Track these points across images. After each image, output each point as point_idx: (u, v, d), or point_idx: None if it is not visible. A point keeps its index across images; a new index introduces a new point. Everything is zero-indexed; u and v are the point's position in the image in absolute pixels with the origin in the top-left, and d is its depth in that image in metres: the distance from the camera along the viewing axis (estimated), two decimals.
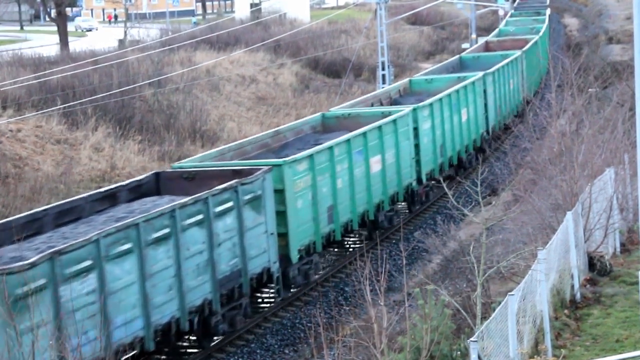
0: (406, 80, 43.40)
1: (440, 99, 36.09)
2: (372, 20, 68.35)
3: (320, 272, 27.43)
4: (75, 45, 70.42)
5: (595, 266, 21.59)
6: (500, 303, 15.20)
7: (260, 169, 24.02)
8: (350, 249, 30.32)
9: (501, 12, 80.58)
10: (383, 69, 53.87)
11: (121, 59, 51.42)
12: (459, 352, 15.69)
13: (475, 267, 16.71)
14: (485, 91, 41.93)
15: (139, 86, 47.74)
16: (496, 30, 68.08)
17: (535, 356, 15.87)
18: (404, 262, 18.20)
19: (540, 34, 60.48)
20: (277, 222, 24.41)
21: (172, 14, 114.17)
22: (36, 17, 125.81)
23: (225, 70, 58.45)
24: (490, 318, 14.53)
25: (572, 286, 19.85)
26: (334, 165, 27.41)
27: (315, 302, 25.89)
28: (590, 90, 32.21)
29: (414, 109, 33.57)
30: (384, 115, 32.36)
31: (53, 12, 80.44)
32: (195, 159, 27.00)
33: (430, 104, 35.15)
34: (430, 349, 15.10)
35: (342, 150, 28.08)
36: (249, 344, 23.43)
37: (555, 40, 77.44)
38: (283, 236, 24.78)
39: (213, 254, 21.70)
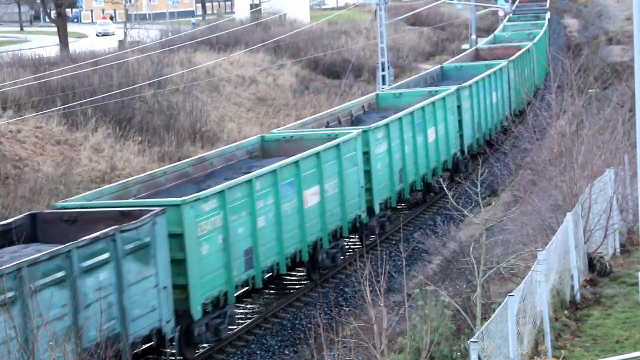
0: (373, 95, 39.74)
1: (400, 118, 32.65)
2: (372, 21, 68.36)
3: (234, 327, 23.69)
4: (76, 46, 70.41)
5: (596, 267, 21.59)
6: (500, 304, 15.20)
7: (151, 210, 20.21)
8: (293, 290, 27.19)
9: (501, 13, 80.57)
10: (383, 70, 53.87)
11: (121, 60, 51.43)
12: (459, 353, 15.69)
13: (476, 268, 16.70)
14: (460, 107, 38.16)
15: (139, 87, 47.75)
16: (491, 37, 65.55)
17: (536, 357, 15.87)
18: (404, 263, 18.19)
19: (535, 41, 57.34)
20: (174, 272, 20.55)
21: (172, 15, 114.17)
22: (36, 18, 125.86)
23: (225, 71, 58.46)
24: (491, 319, 14.53)
25: (572, 287, 19.85)
26: (254, 202, 23.54)
27: (315, 303, 25.89)
28: (590, 91, 32.18)
29: (365, 131, 30.02)
30: (330, 138, 28.79)
31: (53, 13, 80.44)
32: (87, 197, 22.84)
33: (387, 125, 31.63)
34: (431, 350, 15.10)
35: (265, 184, 24.25)
36: (249, 345, 23.42)
37: (556, 41, 77.42)
38: (182, 289, 20.97)
39: (78, 319, 17.66)
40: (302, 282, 27.54)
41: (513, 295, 14.99)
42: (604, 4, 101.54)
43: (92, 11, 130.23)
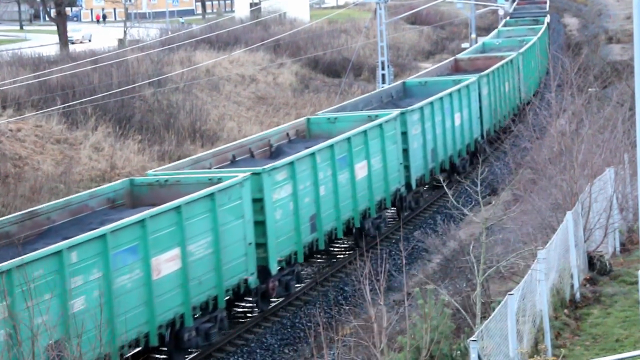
0: (303, 119, 33.41)
1: (293, 162, 25.65)
2: (372, 20, 68.37)
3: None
4: (75, 45, 70.38)
5: (595, 266, 21.60)
6: (500, 303, 15.20)
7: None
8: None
9: (501, 12, 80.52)
10: (383, 68, 53.87)
11: (121, 59, 51.42)
12: (458, 352, 15.70)
13: (475, 267, 16.72)
14: (405, 133, 32.29)
15: (138, 86, 47.74)
16: (479, 44, 60.06)
17: (535, 356, 15.87)
18: (404, 261, 18.21)
19: (522, 50, 51.29)
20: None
21: (172, 13, 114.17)
22: (36, 16, 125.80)
23: (225, 69, 58.45)
24: (490, 317, 14.54)
25: (572, 286, 19.85)
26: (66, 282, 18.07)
27: (315, 301, 25.89)
28: (590, 90, 32.21)
29: (256, 173, 24.08)
30: (212, 182, 23.28)
31: (53, 12, 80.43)
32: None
33: (291, 163, 25.57)
34: (430, 348, 15.12)
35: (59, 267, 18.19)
36: (249, 344, 23.43)
37: (555, 40, 77.38)
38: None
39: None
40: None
41: (513, 294, 14.99)
42: (603, 3, 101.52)
43: (91, 10, 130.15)
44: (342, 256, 29.77)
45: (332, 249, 30.03)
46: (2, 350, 16.61)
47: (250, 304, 25.00)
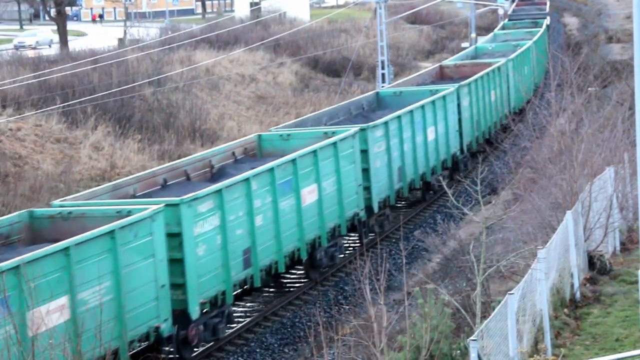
0: (253, 136, 30.28)
1: (220, 191, 22.54)
2: (372, 20, 68.35)
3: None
4: (75, 44, 70.41)
5: (595, 265, 21.60)
6: (500, 302, 15.20)
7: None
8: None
9: (501, 12, 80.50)
10: (383, 68, 53.85)
11: (121, 58, 51.42)
12: (458, 351, 15.70)
13: (475, 266, 16.71)
14: (366, 151, 29.28)
15: (138, 85, 47.74)
16: (471, 48, 57.03)
17: (535, 355, 15.87)
18: (404, 261, 18.20)
19: (512, 56, 48.00)
20: None
21: (172, 12, 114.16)
22: (36, 16, 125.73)
23: (224, 69, 58.45)
24: (490, 317, 14.53)
25: (572, 285, 19.85)
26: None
27: (315, 301, 25.89)
28: (589, 89, 32.20)
29: (172, 204, 20.94)
30: (120, 215, 20.14)
31: (53, 12, 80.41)
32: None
33: (219, 191, 22.44)
34: (430, 348, 15.11)
35: None
36: (249, 343, 23.43)
37: (555, 40, 77.36)
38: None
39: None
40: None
41: (513, 293, 14.99)
42: (603, 3, 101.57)
43: (91, 9, 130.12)
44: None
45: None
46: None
47: None
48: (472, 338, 13.50)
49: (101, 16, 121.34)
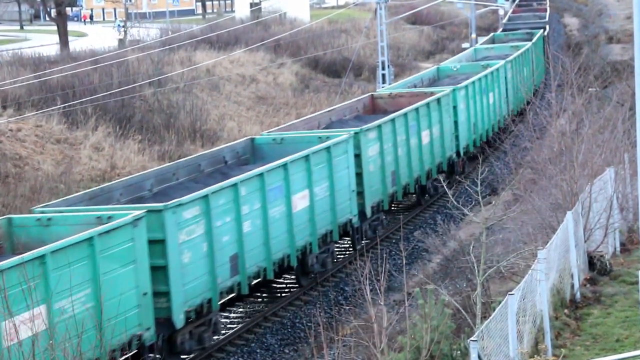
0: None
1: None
2: (372, 20, 68.35)
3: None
4: (75, 44, 70.43)
5: (595, 266, 21.61)
6: (500, 303, 15.21)
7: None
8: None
9: (501, 12, 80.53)
10: (383, 68, 53.90)
11: (121, 59, 51.43)
12: (459, 352, 15.70)
13: (475, 267, 16.72)
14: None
15: (139, 86, 47.75)
16: (433, 68, 47.42)
17: (535, 356, 15.88)
18: (404, 261, 18.21)
19: (464, 84, 38.79)
20: None
21: (172, 13, 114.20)
22: (36, 16, 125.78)
23: (225, 69, 58.47)
24: (490, 318, 14.54)
25: (572, 286, 19.86)
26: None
27: (315, 301, 25.90)
28: (590, 89, 32.20)
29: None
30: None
31: (53, 12, 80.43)
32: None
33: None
34: (430, 348, 15.11)
35: None
36: (249, 344, 23.44)
37: (555, 40, 77.36)
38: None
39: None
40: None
41: (513, 294, 15.00)
42: (604, 3, 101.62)
43: (92, 10, 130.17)
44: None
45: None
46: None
47: None
48: (472, 339, 13.51)
49: (92, 17, 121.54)
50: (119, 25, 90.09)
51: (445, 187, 19.49)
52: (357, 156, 28.54)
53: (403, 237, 29.19)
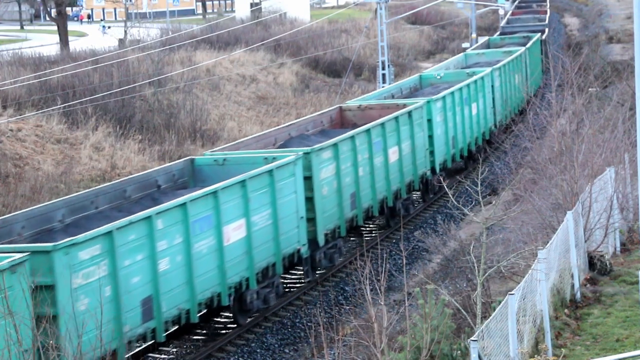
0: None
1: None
2: (373, 20, 68.40)
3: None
4: (76, 44, 70.45)
5: (596, 266, 21.61)
6: (500, 302, 15.22)
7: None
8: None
9: (501, 12, 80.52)
10: (383, 68, 53.91)
11: (121, 59, 51.43)
12: (459, 352, 15.71)
13: (476, 267, 16.73)
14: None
15: (139, 85, 47.75)
16: (416, 76, 44.85)
17: (536, 355, 15.88)
18: (404, 261, 18.20)
19: (442, 95, 36.13)
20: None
21: (172, 13, 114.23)
22: (36, 16, 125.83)
23: (225, 69, 58.47)
24: (491, 317, 14.55)
25: (573, 286, 19.86)
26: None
27: (315, 301, 25.90)
28: (590, 89, 32.22)
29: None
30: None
31: (53, 12, 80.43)
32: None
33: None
34: (431, 348, 15.11)
35: None
36: (249, 344, 23.44)
37: (556, 40, 77.34)
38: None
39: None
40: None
41: (513, 294, 15.00)
42: (604, 3, 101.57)
43: (92, 10, 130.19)
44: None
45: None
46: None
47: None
48: (472, 338, 13.52)
49: (89, 17, 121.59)
50: (103, 26, 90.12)
51: (445, 186, 19.49)
52: (308, 178, 25.93)
53: (403, 237, 29.21)
